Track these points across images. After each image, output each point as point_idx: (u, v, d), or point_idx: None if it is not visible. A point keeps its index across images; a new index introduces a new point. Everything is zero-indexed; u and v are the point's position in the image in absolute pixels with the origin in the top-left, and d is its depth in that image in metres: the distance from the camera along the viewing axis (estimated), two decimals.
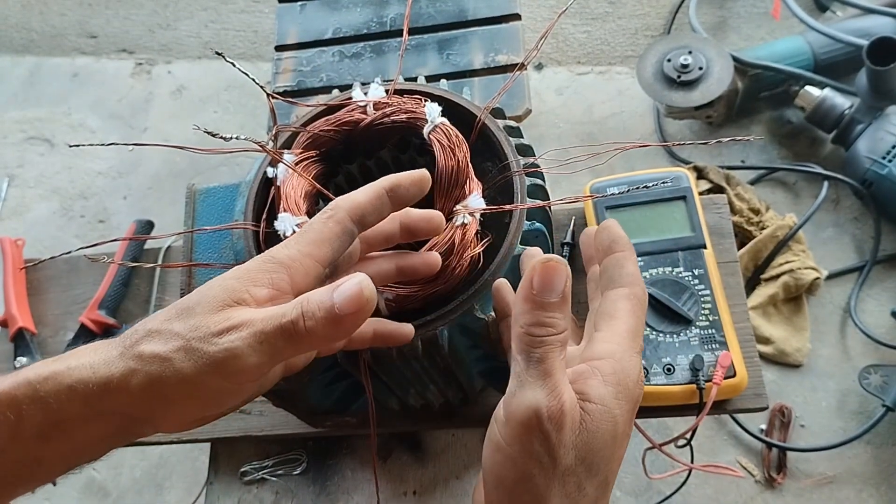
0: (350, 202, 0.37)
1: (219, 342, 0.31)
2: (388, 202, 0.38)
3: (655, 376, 0.64)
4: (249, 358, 0.31)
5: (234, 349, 0.31)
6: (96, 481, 1.39)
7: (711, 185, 1.39)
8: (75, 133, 1.82)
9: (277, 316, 0.32)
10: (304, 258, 0.35)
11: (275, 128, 0.50)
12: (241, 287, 0.33)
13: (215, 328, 0.32)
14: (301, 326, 0.31)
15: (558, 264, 0.32)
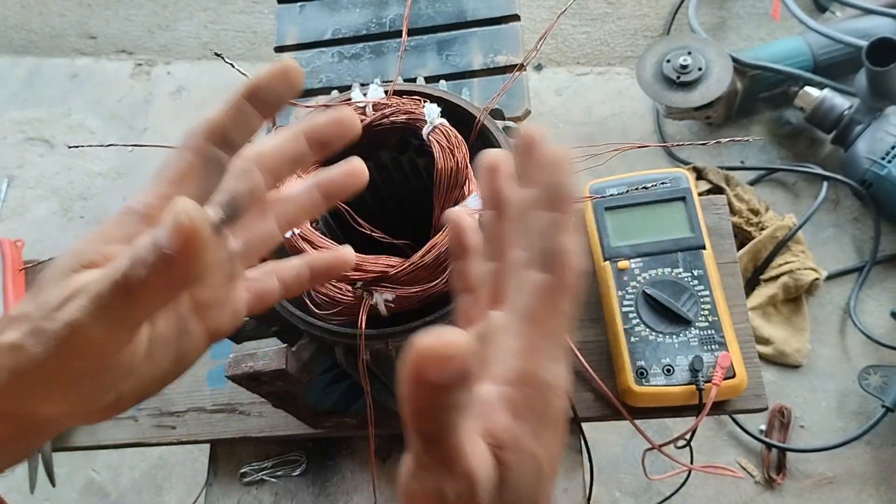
0: (203, 122, 0.31)
1: (57, 317, 0.27)
2: (250, 109, 0.31)
3: (655, 377, 0.64)
4: (93, 329, 0.27)
5: (74, 322, 0.26)
6: (96, 482, 1.39)
7: (711, 186, 1.39)
8: (75, 134, 1.82)
9: (111, 272, 0.26)
10: (163, 202, 0.30)
11: (273, 129, 0.50)
12: (91, 248, 0.29)
13: (55, 301, 0.27)
14: (134, 278, 0.26)
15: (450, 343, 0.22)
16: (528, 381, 0.27)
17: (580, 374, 0.68)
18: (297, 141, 0.34)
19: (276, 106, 0.32)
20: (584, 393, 0.68)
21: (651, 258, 0.69)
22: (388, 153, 0.54)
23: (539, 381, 0.27)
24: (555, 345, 0.28)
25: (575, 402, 0.67)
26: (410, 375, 0.23)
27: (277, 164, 0.34)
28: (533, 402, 0.27)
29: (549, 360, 0.27)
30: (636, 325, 0.66)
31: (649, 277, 0.68)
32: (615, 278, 0.69)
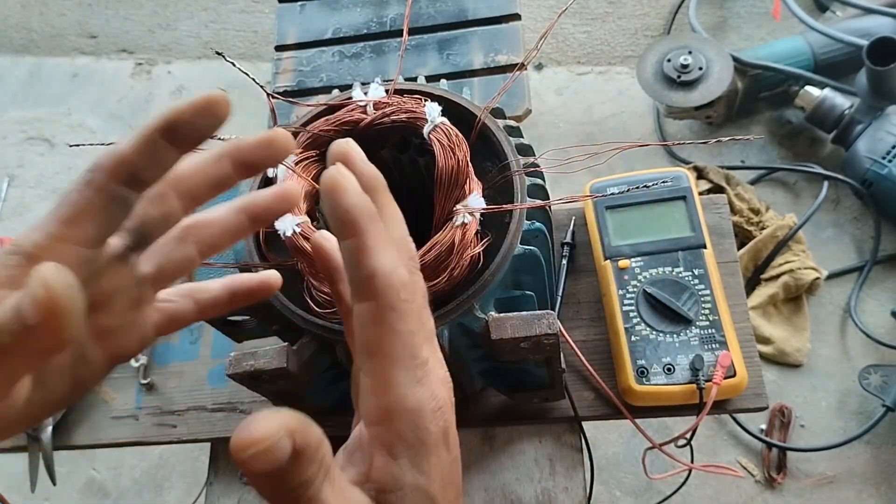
0: (111, 157, 0.28)
1: None
2: (164, 145, 0.28)
3: (655, 376, 0.64)
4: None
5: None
6: (96, 481, 1.39)
7: (711, 185, 1.39)
8: (75, 133, 1.82)
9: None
10: (55, 244, 0.27)
11: (274, 128, 0.50)
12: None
13: None
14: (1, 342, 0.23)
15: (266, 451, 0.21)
16: (391, 416, 0.26)
17: (580, 374, 0.68)
18: (220, 163, 0.32)
19: (197, 141, 0.29)
20: (585, 392, 0.68)
21: (652, 257, 0.69)
22: (388, 152, 0.54)
23: (401, 412, 0.26)
24: (407, 367, 0.26)
25: (575, 402, 0.67)
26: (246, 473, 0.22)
27: (197, 188, 0.32)
28: (403, 435, 0.26)
29: (407, 387, 0.26)
30: (637, 324, 0.66)
31: (650, 276, 0.68)
32: (616, 277, 0.69)
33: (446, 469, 0.27)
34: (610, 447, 1.29)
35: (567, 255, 0.73)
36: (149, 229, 0.31)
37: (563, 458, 0.68)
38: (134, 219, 0.30)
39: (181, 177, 0.31)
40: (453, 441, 0.28)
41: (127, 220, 0.29)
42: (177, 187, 0.31)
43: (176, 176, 0.31)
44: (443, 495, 0.27)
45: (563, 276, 0.72)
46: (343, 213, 0.26)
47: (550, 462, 0.68)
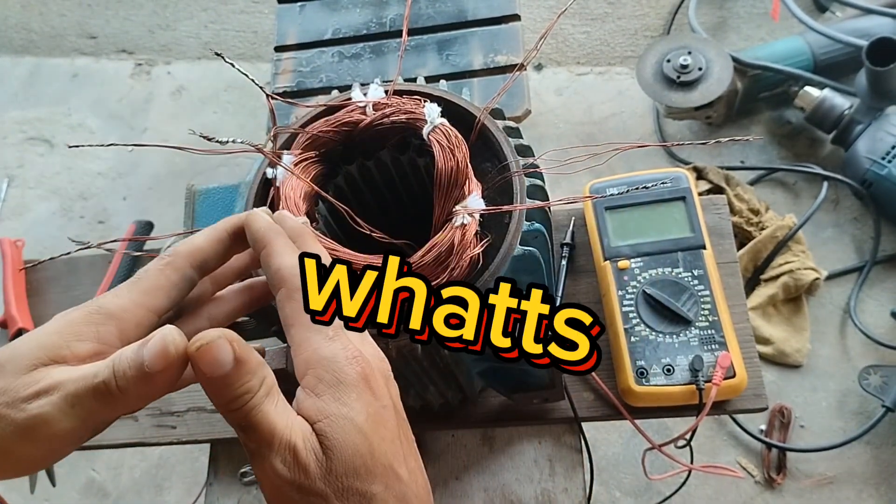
0: (190, 247, 0.36)
1: (27, 408, 0.29)
2: (230, 245, 0.37)
3: (655, 376, 0.64)
4: (61, 423, 0.29)
5: (43, 415, 0.29)
6: (96, 482, 1.39)
7: (711, 186, 1.39)
8: (75, 133, 1.82)
9: (90, 376, 0.30)
10: (136, 308, 0.33)
11: (274, 129, 0.50)
12: (60, 343, 0.31)
13: (24, 392, 0.30)
14: (114, 387, 0.29)
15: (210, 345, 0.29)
16: (310, 365, 0.32)
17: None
18: (247, 257, 0.40)
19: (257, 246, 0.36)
20: (585, 393, 0.68)
21: (651, 258, 0.69)
22: (388, 153, 0.54)
23: (318, 360, 0.32)
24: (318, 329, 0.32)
25: (575, 402, 0.67)
26: (198, 377, 0.29)
27: (224, 277, 0.40)
28: (322, 377, 0.31)
29: (320, 342, 0.32)
30: (636, 325, 0.66)
31: (649, 277, 0.68)
32: (615, 278, 0.69)
33: (373, 409, 0.32)
34: (610, 448, 1.29)
35: (567, 255, 0.73)
36: (186, 306, 0.38)
37: (562, 459, 0.68)
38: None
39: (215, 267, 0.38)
40: (381, 391, 0.33)
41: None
42: (211, 278, 0.39)
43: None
44: (373, 430, 0.31)
45: (562, 276, 0.72)
46: (256, 231, 0.36)
47: (550, 463, 0.68)
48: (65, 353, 0.31)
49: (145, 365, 0.29)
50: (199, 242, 0.36)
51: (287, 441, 0.30)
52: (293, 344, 0.33)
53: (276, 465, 0.29)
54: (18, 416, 0.29)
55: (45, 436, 0.29)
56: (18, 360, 0.31)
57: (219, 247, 0.37)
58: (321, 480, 0.30)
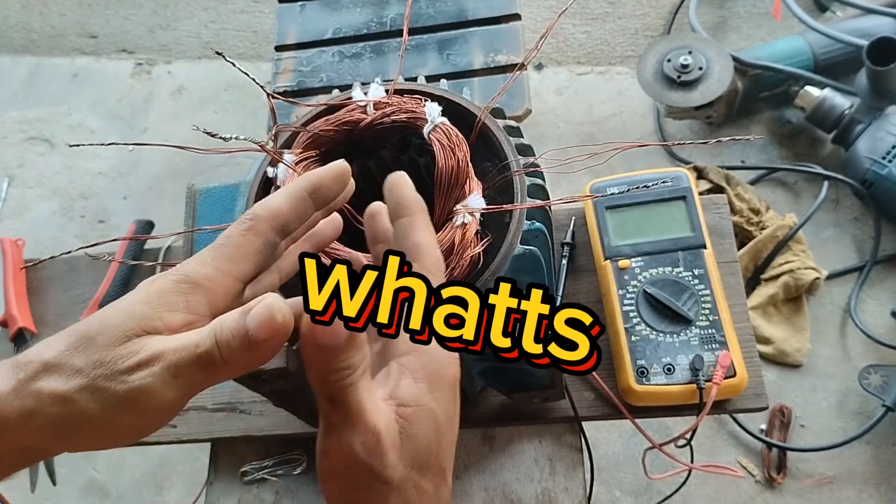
0: (270, 210, 0.34)
1: (128, 380, 0.29)
2: (311, 205, 0.35)
3: (655, 376, 0.64)
4: (164, 394, 0.29)
5: (147, 387, 0.29)
6: (96, 481, 1.39)
7: (711, 186, 1.39)
8: (75, 133, 1.82)
9: (191, 346, 0.29)
10: (222, 277, 0.32)
11: (274, 128, 0.50)
12: (151, 314, 0.30)
13: (123, 365, 0.29)
14: (217, 357, 0.29)
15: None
16: (421, 350, 0.32)
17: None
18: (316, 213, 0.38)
19: (330, 203, 0.36)
20: (585, 392, 0.68)
21: (652, 257, 0.69)
22: (388, 152, 0.54)
23: (426, 349, 0.32)
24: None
25: (575, 402, 0.67)
26: (307, 342, 0.29)
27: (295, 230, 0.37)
28: (426, 366, 0.32)
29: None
30: (637, 325, 0.66)
31: (650, 276, 0.68)
32: (616, 277, 0.69)
33: (451, 413, 0.33)
34: (610, 447, 1.29)
35: (567, 255, 0.73)
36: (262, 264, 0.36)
37: (563, 458, 0.68)
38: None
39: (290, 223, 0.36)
40: (458, 400, 0.34)
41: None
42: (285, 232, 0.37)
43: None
44: (445, 432, 0.32)
45: (563, 276, 0.72)
46: (402, 199, 0.35)
47: (550, 462, 0.68)
48: (157, 323, 0.30)
49: (250, 334, 0.29)
50: (280, 204, 0.34)
51: (372, 424, 0.30)
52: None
53: (354, 444, 0.30)
54: (120, 388, 0.29)
55: (148, 407, 0.29)
56: (110, 332, 0.30)
57: (301, 208, 0.35)
58: (391, 468, 0.30)
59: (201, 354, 0.29)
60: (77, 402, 0.29)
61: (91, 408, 0.29)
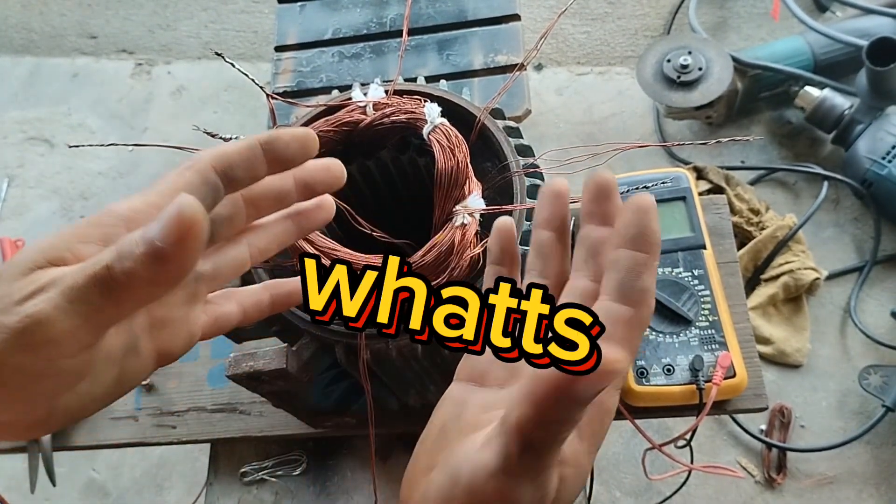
0: (214, 151, 0.30)
1: (20, 310, 0.25)
2: (261, 157, 0.31)
3: (655, 376, 0.64)
4: (59, 323, 0.25)
5: (37, 314, 0.25)
6: (96, 482, 1.39)
7: (711, 186, 1.39)
8: (75, 133, 1.82)
9: (90, 264, 0.25)
10: (150, 209, 0.28)
11: (274, 128, 0.50)
12: (60, 244, 0.27)
13: (18, 295, 0.25)
14: (117, 270, 0.24)
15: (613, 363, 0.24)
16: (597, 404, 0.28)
17: None
18: (285, 179, 0.34)
19: (285, 164, 0.33)
20: None
21: None
22: (388, 153, 0.54)
23: (601, 406, 0.29)
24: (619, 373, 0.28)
25: None
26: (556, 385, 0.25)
27: (262, 198, 0.34)
28: (594, 426, 0.29)
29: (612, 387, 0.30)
30: None
31: None
32: None
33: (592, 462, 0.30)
34: (610, 447, 1.29)
35: None
36: (216, 227, 0.33)
37: None
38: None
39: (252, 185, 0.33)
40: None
41: None
42: (246, 193, 0.33)
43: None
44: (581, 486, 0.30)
45: None
46: (651, 234, 0.31)
47: None
48: (65, 255, 0.27)
49: (156, 239, 0.24)
50: (226, 147, 0.31)
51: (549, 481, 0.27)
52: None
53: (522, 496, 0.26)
54: (10, 319, 0.25)
55: (41, 339, 0.25)
56: (15, 266, 0.26)
57: (247, 154, 0.31)
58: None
59: (99, 270, 0.25)
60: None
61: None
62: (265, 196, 0.34)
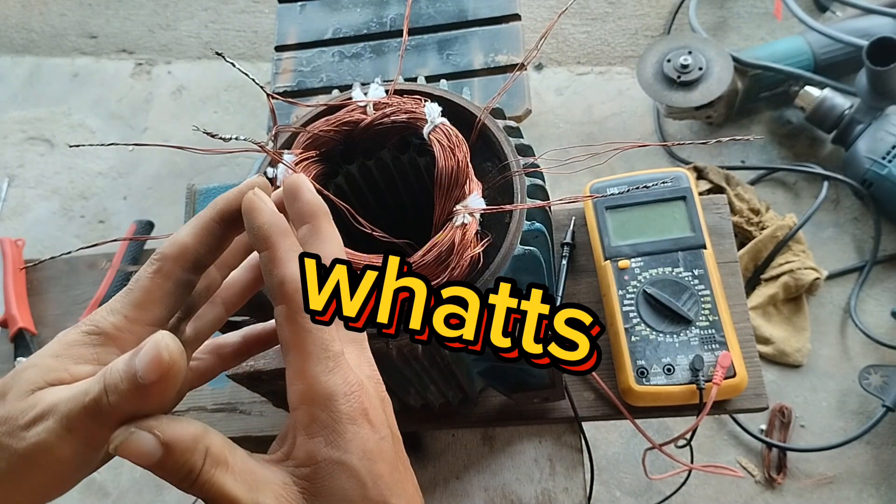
0: (177, 248, 0.32)
1: (26, 437, 0.28)
2: (221, 233, 0.33)
3: (655, 376, 0.64)
4: (61, 450, 0.28)
5: (41, 443, 0.28)
6: (96, 482, 1.39)
7: (711, 186, 1.39)
8: (75, 133, 1.82)
9: (81, 395, 0.28)
10: (132, 325, 0.31)
11: (274, 128, 0.50)
12: (58, 366, 0.30)
13: (23, 420, 0.28)
14: (105, 403, 0.27)
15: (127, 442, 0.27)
16: (306, 400, 0.29)
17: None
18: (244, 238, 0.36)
19: (241, 225, 0.33)
20: (585, 392, 0.68)
21: (652, 257, 0.69)
22: (388, 152, 0.54)
23: (314, 397, 0.29)
24: (318, 359, 0.29)
25: (575, 402, 0.67)
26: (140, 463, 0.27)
27: (231, 257, 0.36)
28: (317, 416, 0.29)
29: (318, 375, 0.29)
30: (637, 325, 0.66)
31: (650, 277, 0.68)
32: (616, 278, 0.69)
33: (370, 445, 0.30)
34: (610, 447, 1.29)
35: (567, 255, 0.73)
36: (195, 301, 0.35)
37: (563, 459, 0.68)
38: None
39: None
40: (379, 421, 0.31)
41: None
42: (218, 262, 0.35)
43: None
44: (368, 469, 0.29)
45: (563, 276, 0.72)
46: (257, 230, 0.31)
47: (550, 462, 0.68)
48: (63, 375, 0.30)
49: (138, 376, 0.27)
50: (186, 240, 0.32)
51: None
52: (290, 370, 0.30)
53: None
54: (19, 445, 0.28)
55: (48, 463, 0.28)
56: (18, 387, 0.29)
57: (210, 240, 0.33)
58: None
59: (89, 403, 0.27)
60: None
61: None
62: (233, 256, 0.36)
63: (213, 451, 0.29)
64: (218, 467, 0.28)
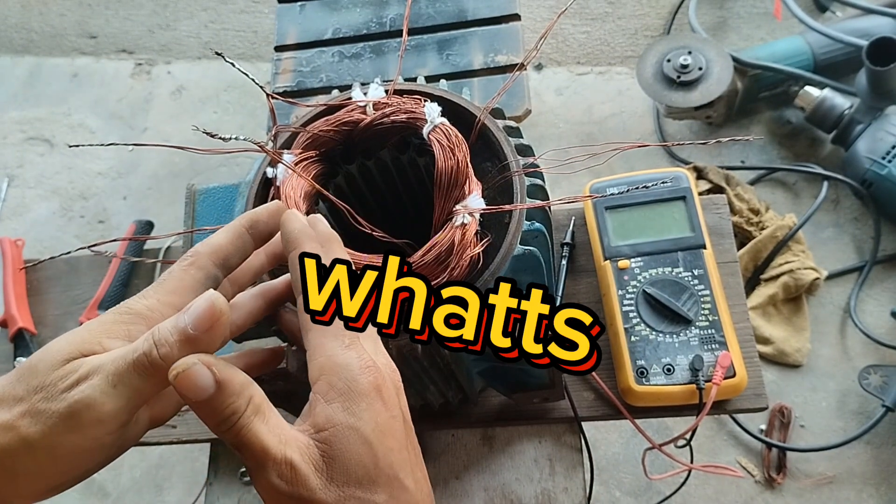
0: (211, 246, 0.36)
1: (68, 397, 0.29)
2: (249, 240, 0.37)
3: (655, 376, 0.64)
4: (105, 405, 0.29)
5: (86, 399, 0.29)
6: (96, 482, 1.39)
7: (711, 186, 1.39)
8: (75, 133, 1.82)
9: (129, 352, 0.30)
10: (163, 308, 0.34)
11: (274, 128, 0.50)
12: (91, 339, 0.32)
13: (63, 384, 0.30)
14: (155, 356, 0.29)
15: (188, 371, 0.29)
16: (325, 371, 0.32)
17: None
18: (258, 256, 0.40)
19: (266, 240, 0.38)
20: (585, 392, 0.68)
21: (651, 257, 0.69)
22: (388, 152, 0.54)
23: (332, 367, 0.32)
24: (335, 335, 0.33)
25: (575, 402, 0.67)
26: (186, 402, 0.29)
27: (242, 277, 0.40)
28: (334, 384, 0.32)
29: (336, 348, 0.32)
30: (636, 325, 0.66)
31: (650, 277, 0.68)
32: (615, 278, 0.69)
33: (382, 419, 0.32)
34: (610, 447, 1.29)
35: (567, 255, 0.73)
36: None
37: (562, 459, 0.68)
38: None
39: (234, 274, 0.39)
40: (391, 401, 0.33)
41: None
42: (231, 280, 0.39)
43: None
44: (379, 440, 0.31)
45: (562, 276, 0.72)
46: (289, 233, 0.36)
47: (550, 462, 0.68)
48: (96, 347, 0.31)
49: (189, 327, 0.29)
50: (220, 240, 0.36)
51: (282, 457, 0.30)
52: (309, 348, 0.33)
53: (272, 480, 0.30)
54: (59, 406, 0.29)
55: (89, 421, 0.29)
56: (50, 358, 0.31)
57: (239, 243, 0.37)
58: (321, 491, 0.30)
59: (139, 357, 0.30)
60: (18, 429, 0.29)
61: (32, 432, 0.29)
62: (245, 275, 0.40)
63: (255, 400, 0.31)
64: (257, 415, 0.30)
